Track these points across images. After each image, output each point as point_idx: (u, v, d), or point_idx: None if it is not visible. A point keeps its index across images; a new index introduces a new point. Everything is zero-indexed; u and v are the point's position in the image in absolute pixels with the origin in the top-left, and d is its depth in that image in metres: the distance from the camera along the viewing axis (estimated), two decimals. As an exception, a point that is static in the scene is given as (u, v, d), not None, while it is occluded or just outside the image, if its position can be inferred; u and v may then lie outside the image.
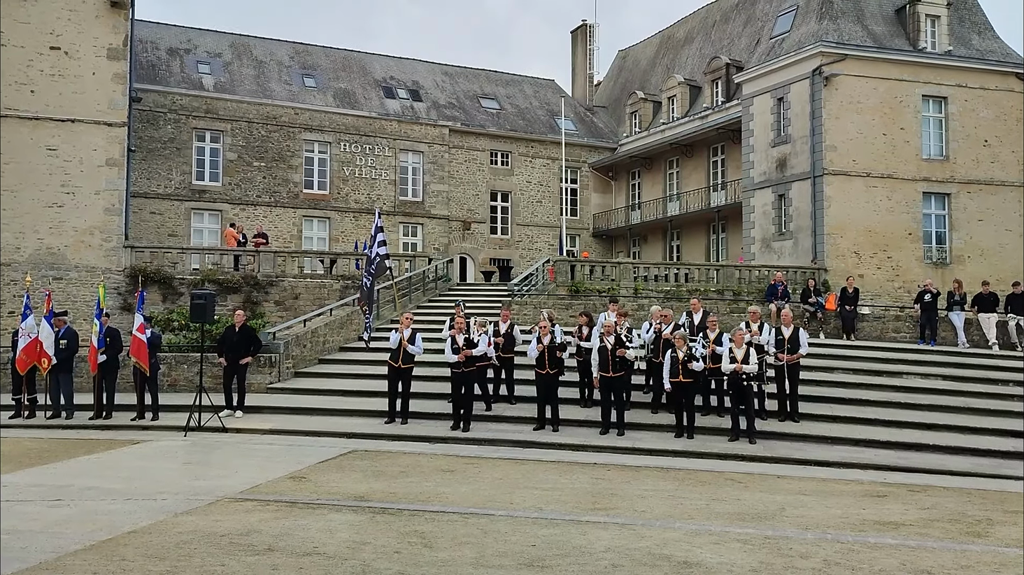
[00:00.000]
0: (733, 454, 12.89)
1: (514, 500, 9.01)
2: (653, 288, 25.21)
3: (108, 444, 12.86)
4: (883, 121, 28.37)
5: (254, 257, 24.62)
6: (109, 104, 23.07)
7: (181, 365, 18.21)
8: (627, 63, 47.63)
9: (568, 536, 7.32)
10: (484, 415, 15.25)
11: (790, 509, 8.90)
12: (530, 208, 40.43)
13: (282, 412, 15.99)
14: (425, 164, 37.90)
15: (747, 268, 27.32)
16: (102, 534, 7.05)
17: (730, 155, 34.66)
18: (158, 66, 34.91)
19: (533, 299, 23.46)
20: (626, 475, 10.97)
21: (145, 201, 32.19)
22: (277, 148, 35.03)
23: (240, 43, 38.47)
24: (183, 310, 20.94)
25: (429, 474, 10.61)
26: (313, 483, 9.81)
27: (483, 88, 42.93)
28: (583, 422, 14.81)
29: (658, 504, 8.99)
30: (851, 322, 22.29)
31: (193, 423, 14.19)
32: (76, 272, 22.58)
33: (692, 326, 15.66)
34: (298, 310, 23.29)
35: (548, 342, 14.30)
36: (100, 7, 23.02)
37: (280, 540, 6.94)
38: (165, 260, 23.83)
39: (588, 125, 43.57)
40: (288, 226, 34.84)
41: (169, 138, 33.25)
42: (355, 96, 38.06)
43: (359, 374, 18.14)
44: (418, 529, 7.47)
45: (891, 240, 28.25)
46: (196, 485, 9.60)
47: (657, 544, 7.10)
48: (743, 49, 36.49)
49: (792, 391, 15.08)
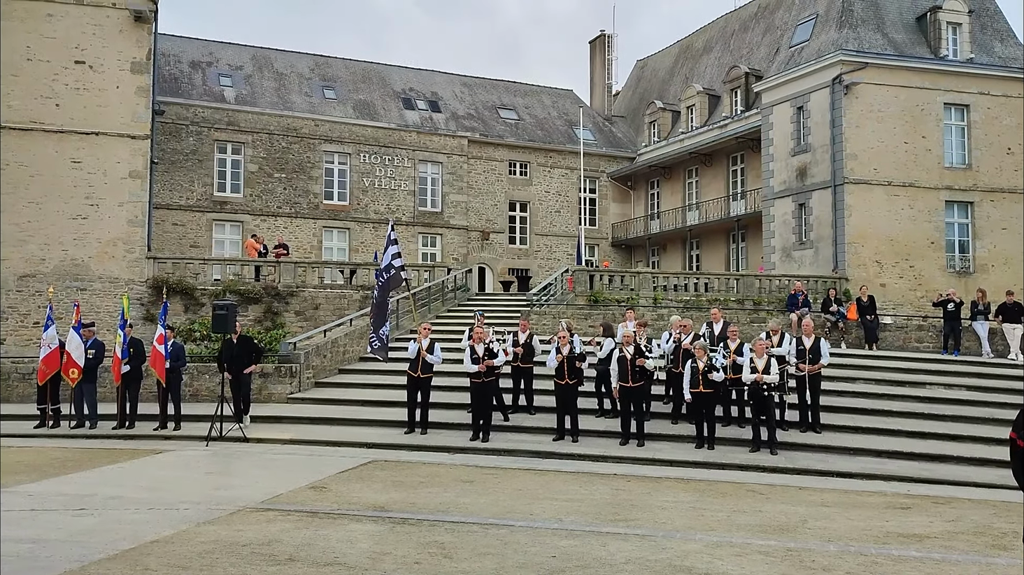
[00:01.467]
0: (754, 465, 12.80)
1: (534, 511, 9.00)
2: (672, 298, 25.15)
3: (131, 454, 12.97)
4: (905, 129, 28.19)
5: (275, 268, 24.79)
6: (132, 117, 23.35)
7: (203, 375, 18.34)
8: (645, 73, 47.64)
9: (588, 547, 7.30)
10: (503, 425, 15.24)
11: (812, 521, 8.82)
12: (548, 218, 40.46)
13: (302, 422, 16.06)
14: (444, 175, 38.05)
15: (767, 277, 27.18)
16: (126, 543, 7.11)
17: (750, 164, 34.55)
18: (180, 79, 35.31)
19: (552, 309, 23.45)
20: (646, 486, 10.92)
21: (167, 212, 32.51)
22: (297, 159, 35.30)
23: (261, 56, 38.85)
24: (205, 321, 21.12)
25: (449, 484, 10.61)
26: (334, 493, 9.84)
27: (501, 99, 43.08)
28: (602, 433, 14.76)
29: (678, 515, 8.94)
30: (873, 332, 22.11)
31: (214, 433, 14.27)
32: (100, 283, 22.82)
33: (712, 336, 15.59)
34: (318, 320, 23.41)
35: (567, 352, 14.27)
36: (124, 22, 23.34)
37: (301, 550, 6.97)
38: (187, 271, 24.03)
39: (606, 135, 43.58)
40: (308, 237, 35.06)
41: (191, 150, 33.59)
42: (374, 107, 38.30)
43: (379, 384, 18.20)
44: (438, 539, 7.48)
45: (913, 249, 28.02)
46: (218, 495, 9.66)
47: (678, 556, 7.06)
48: (762, 58, 36.41)
49: (814, 401, 14.96)
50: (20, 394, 18.22)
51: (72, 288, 22.25)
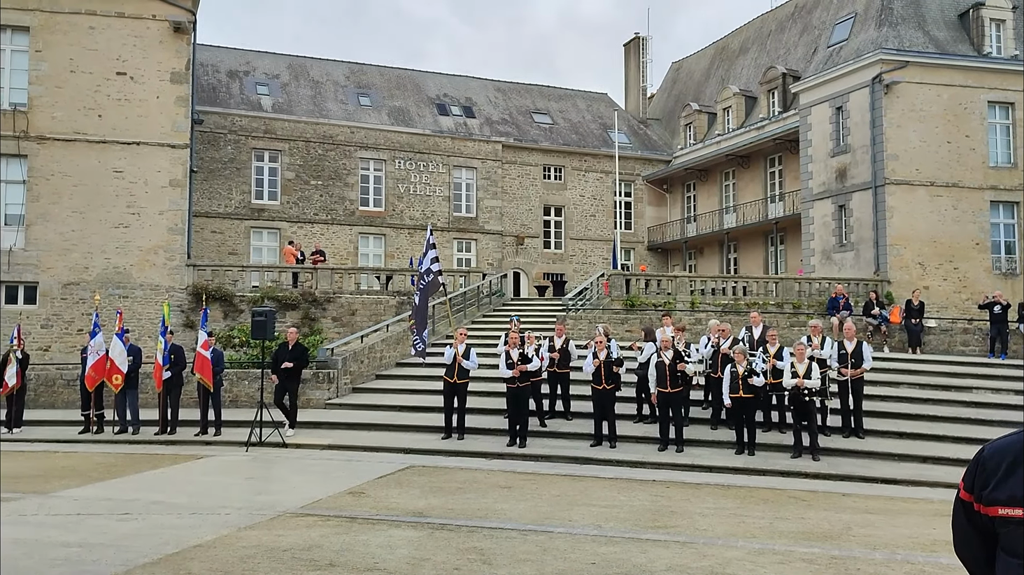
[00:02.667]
0: (796, 471, 12.61)
1: (572, 517, 8.94)
2: (710, 302, 24.91)
3: (173, 459, 13.13)
4: (947, 129, 27.66)
5: (312, 274, 25.00)
6: (172, 126, 23.72)
7: (242, 381, 18.54)
8: (680, 75, 47.35)
9: (628, 554, 7.22)
10: (540, 431, 15.19)
11: (856, 528, 8.65)
12: (583, 222, 40.34)
13: (340, 427, 16.16)
14: (479, 180, 38.12)
15: (807, 280, 26.81)
16: (169, 548, 7.18)
17: (788, 166, 34.15)
18: (218, 88, 35.82)
19: (588, 314, 23.35)
20: (686, 492, 10.80)
21: (206, 220, 32.96)
22: (333, 166, 35.60)
23: (297, 64, 39.27)
24: (244, 327, 21.34)
25: (487, 490, 10.59)
26: (372, 499, 9.86)
27: (536, 103, 43.07)
28: (641, 438, 14.65)
29: (719, 522, 8.82)
30: (917, 335, 21.70)
31: (254, 438, 14.41)
32: (141, 290, 23.19)
33: (752, 340, 15.41)
34: (355, 326, 23.56)
35: (604, 357, 14.19)
36: (164, 33, 23.73)
37: (341, 555, 6.98)
38: (226, 278, 24.32)
39: (642, 138, 43.37)
40: (344, 243, 35.33)
41: (229, 158, 34.03)
42: (409, 114, 38.51)
43: (415, 389, 18.26)
44: (477, 546, 7.45)
45: (957, 251, 27.46)
46: (258, 500, 9.73)
47: (719, 563, 6.95)
48: (799, 58, 35.99)
49: (856, 407, 14.71)
50: (65, 400, 18.57)
51: (114, 295, 22.64)
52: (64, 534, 7.70)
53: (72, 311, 22.72)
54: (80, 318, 22.29)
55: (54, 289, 22.72)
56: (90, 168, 23.10)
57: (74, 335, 22.35)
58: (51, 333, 22.57)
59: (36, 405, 18.03)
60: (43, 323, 22.57)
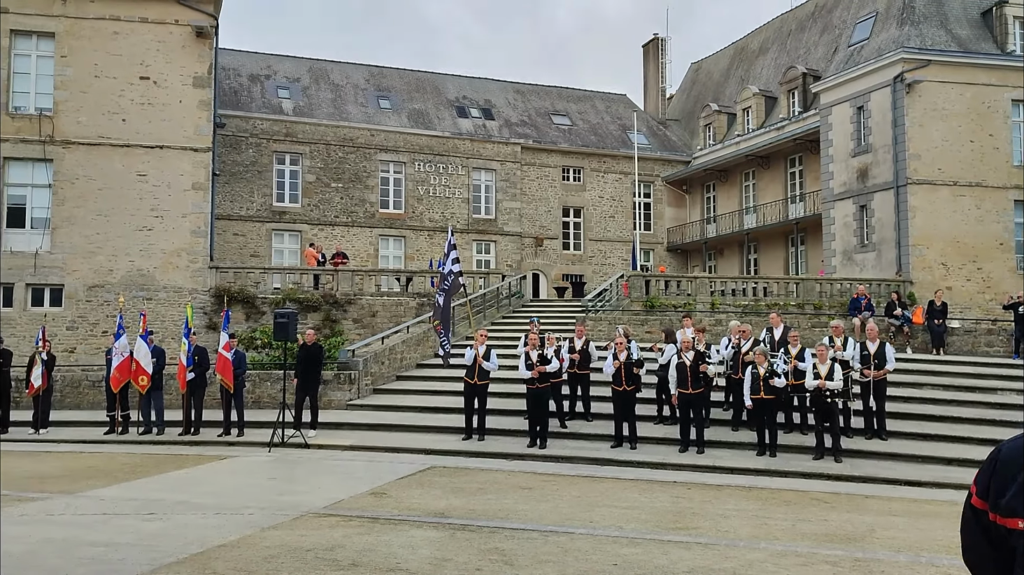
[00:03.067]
0: (818, 473, 12.55)
1: (594, 518, 8.95)
2: (731, 303, 24.80)
3: (196, 459, 13.26)
4: (970, 128, 27.40)
5: (333, 276, 25.14)
6: (195, 130, 23.95)
7: (264, 382, 18.68)
8: (700, 75, 47.19)
9: (650, 556, 7.22)
10: (561, 432, 15.20)
11: (880, 530, 8.60)
12: (603, 223, 40.29)
13: (361, 428, 16.24)
14: (498, 182, 38.17)
15: (828, 281, 26.64)
16: (194, 547, 7.26)
17: (808, 166, 33.95)
18: (240, 92, 36.10)
19: (607, 315, 23.33)
20: (707, 494, 10.78)
21: (228, 223, 33.21)
22: (354, 169, 35.78)
23: (318, 67, 39.51)
24: (266, 328, 21.51)
25: (507, 491, 10.62)
26: (394, 499, 9.92)
27: (554, 105, 43.08)
28: (661, 440, 14.62)
29: (742, 524, 8.80)
30: (940, 336, 21.51)
31: (277, 439, 14.52)
32: (164, 293, 23.42)
33: (773, 342, 15.34)
34: (375, 327, 23.67)
35: (624, 358, 14.18)
36: (186, 37, 23.97)
37: (364, 555, 7.03)
38: (248, 280, 24.51)
39: (661, 139, 43.26)
40: (365, 245, 35.48)
41: (251, 161, 34.28)
42: (429, 116, 38.63)
43: (436, 390, 18.32)
44: (499, 546, 7.48)
45: (981, 251, 27.18)
46: (281, 500, 9.81)
47: (742, 565, 6.94)
48: (820, 58, 35.78)
49: (879, 408, 14.60)
50: (90, 401, 18.79)
51: (138, 298, 22.88)
52: (91, 533, 7.81)
53: (97, 313, 22.98)
54: (105, 320, 22.55)
55: (79, 291, 23.00)
56: (114, 172, 23.36)
57: (99, 337, 22.61)
58: (76, 335, 22.85)
59: (62, 406, 18.27)
60: (68, 325, 22.85)
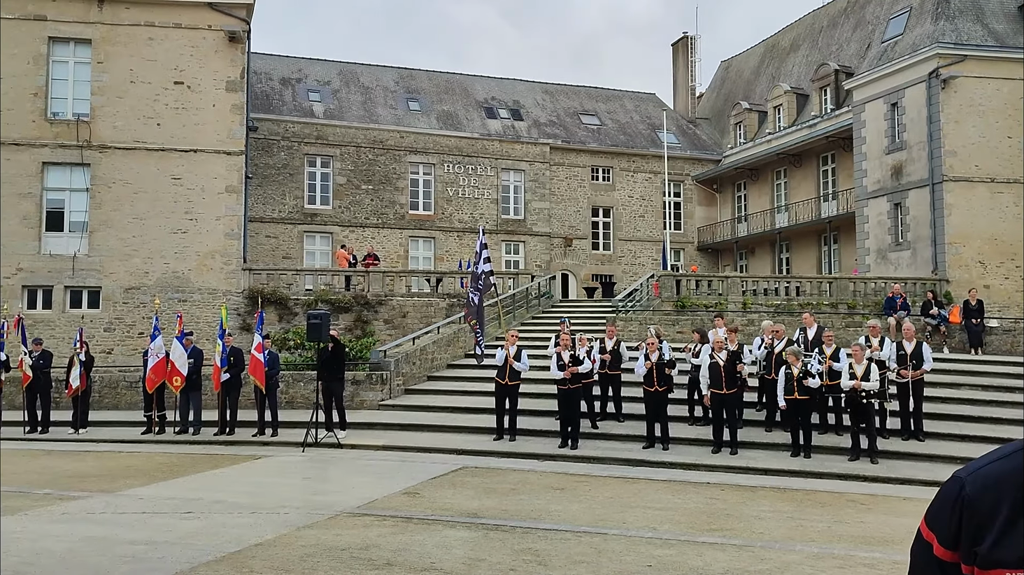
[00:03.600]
0: (854, 474, 12.40)
1: (627, 519, 8.92)
2: (763, 302, 24.60)
3: (232, 459, 13.41)
4: (1008, 123, 26.92)
5: (364, 277, 25.30)
6: (228, 134, 24.23)
7: (298, 383, 18.84)
8: (730, 74, 46.85)
9: (684, 557, 7.19)
10: (592, 433, 15.17)
11: (919, 533, 8.47)
12: (632, 223, 40.14)
13: (393, 428, 16.33)
14: (527, 182, 38.18)
15: (862, 280, 26.32)
16: (231, 546, 7.35)
17: (841, 164, 33.57)
18: (272, 96, 36.46)
19: (638, 315, 23.25)
20: (741, 495, 10.70)
21: (261, 225, 33.56)
22: (384, 171, 35.99)
23: (348, 70, 39.79)
24: (299, 330, 21.70)
25: (539, 491, 10.62)
26: (427, 499, 9.96)
27: (583, 105, 43.00)
28: (694, 440, 14.54)
29: (777, 526, 8.73)
30: (978, 336, 21.17)
31: (310, 439, 14.64)
32: (199, 294, 23.72)
33: (806, 342, 15.19)
34: (406, 328, 23.79)
35: (656, 359, 14.11)
36: (219, 42, 24.26)
37: (398, 555, 7.07)
38: (280, 282, 24.75)
39: (691, 138, 43.01)
40: (395, 246, 35.67)
41: (282, 164, 34.62)
42: (458, 118, 38.74)
43: (467, 391, 18.36)
44: (532, 547, 7.48)
45: (1020, 249, 26.69)
46: (316, 500, 9.90)
47: (778, 567, 6.89)
48: (852, 54, 35.36)
49: (916, 409, 14.40)
50: (128, 401, 19.07)
51: (173, 299, 23.19)
52: (131, 532, 7.93)
53: (133, 314, 23.33)
54: (141, 321, 22.88)
55: (116, 293, 23.36)
56: (150, 175, 23.71)
57: (135, 338, 22.95)
58: (113, 336, 23.22)
59: (100, 406, 18.56)
60: (106, 326, 23.22)
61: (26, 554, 6.99)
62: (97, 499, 9.69)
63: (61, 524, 8.24)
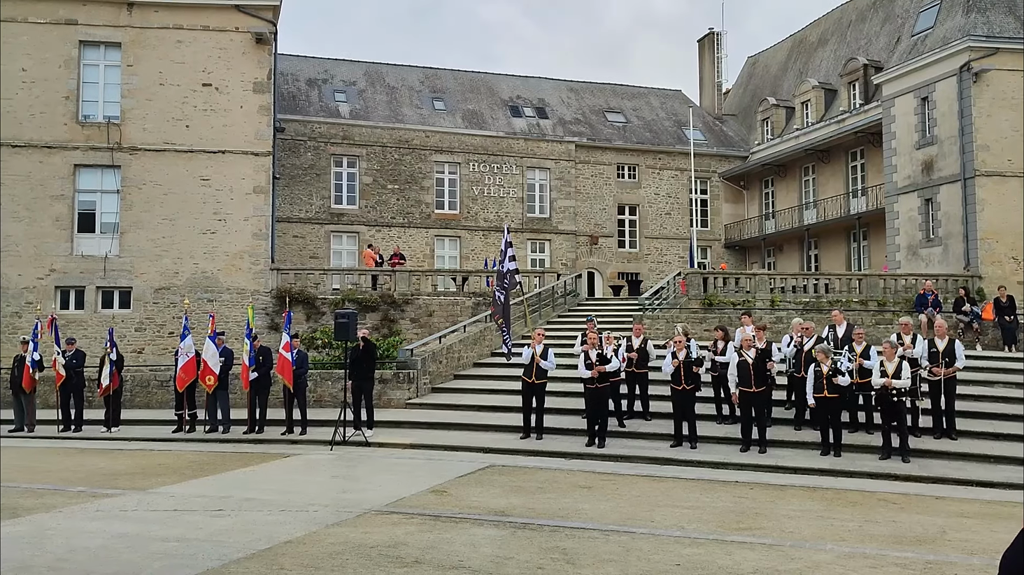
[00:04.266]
0: (885, 473, 12.25)
1: (655, 518, 8.88)
2: (791, 300, 24.38)
3: (261, 457, 13.53)
4: (1041, 117, 26.46)
5: (390, 276, 25.42)
6: (256, 135, 24.45)
7: (325, 381, 18.97)
8: (756, 69, 46.49)
9: (713, 556, 7.14)
10: (619, 431, 15.12)
11: (952, 532, 8.36)
12: (658, 220, 39.96)
13: (421, 427, 16.39)
14: (552, 180, 38.15)
15: (892, 277, 25.99)
16: (261, 543, 7.41)
17: (870, 159, 33.18)
18: (298, 96, 36.73)
19: (665, 313, 23.13)
20: (770, 494, 10.61)
21: (288, 225, 33.83)
22: (409, 171, 36.12)
23: (373, 71, 39.98)
24: (326, 329, 21.85)
25: (567, 490, 10.60)
26: (454, 497, 9.98)
27: (609, 102, 42.87)
28: (722, 439, 14.44)
29: (806, 525, 8.65)
30: (1012, 333, 20.81)
31: (338, 437, 14.73)
32: (228, 294, 23.96)
33: (836, 339, 15.02)
34: (432, 327, 23.87)
35: (683, 357, 14.04)
36: (246, 44, 24.48)
37: (426, 553, 7.10)
38: (308, 281, 24.93)
39: (717, 134, 42.73)
40: (421, 246, 35.80)
41: (309, 164, 34.86)
42: (483, 117, 38.79)
43: (494, 389, 18.38)
44: (560, 545, 7.47)
45: (1054, 244, 26.23)
46: (344, 498, 9.96)
47: (808, 566, 6.82)
48: (881, 49, 34.94)
49: (949, 407, 14.19)
50: (158, 400, 19.31)
51: (203, 299, 23.45)
52: (163, 529, 8.02)
53: (164, 314, 23.62)
54: (171, 321, 23.16)
55: (146, 294, 23.66)
56: (179, 177, 23.98)
57: (165, 338, 23.23)
58: (144, 336, 23.51)
59: (131, 405, 18.81)
60: (137, 326, 23.53)
61: (61, 551, 7.10)
62: (130, 497, 9.82)
63: (95, 521, 8.36)
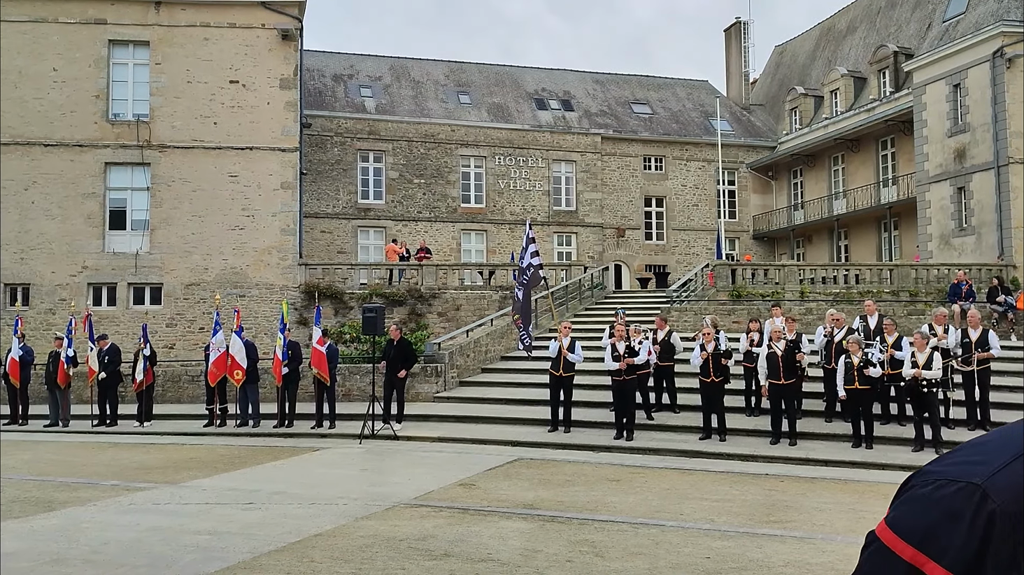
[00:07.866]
0: (918, 465, 12.00)
1: (684, 511, 8.84)
2: (820, 291, 24.12)
3: (291, 451, 13.64)
4: (1078, 102, 25.93)
5: (417, 271, 25.48)
6: (282, 131, 24.61)
7: (354, 376, 19.08)
8: (784, 58, 45.97)
9: (744, 549, 7.09)
10: (647, 424, 15.06)
11: (988, 526, 8.23)
12: (686, 212, 39.68)
13: (449, 420, 16.43)
14: (578, 173, 38.01)
15: (924, 267, 25.63)
16: (291, 536, 7.48)
17: (900, 148, 32.70)
18: (324, 92, 36.89)
19: (693, 305, 22.99)
20: (801, 487, 10.52)
21: (315, 221, 34.01)
22: (435, 165, 36.16)
23: (399, 65, 40.04)
24: (354, 323, 21.96)
25: (595, 483, 10.58)
26: (483, 490, 10.00)
27: (634, 94, 42.60)
28: (751, 431, 14.33)
29: (838, 518, 8.56)
30: (1047, 323, 20.46)
31: (367, 431, 14.81)
32: (257, 290, 24.16)
33: (868, 330, 14.84)
34: (459, 321, 23.90)
35: (712, 349, 13.94)
36: (272, 41, 24.62)
37: (455, 546, 7.12)
38: (336, 276, 25.07)
39: (745, 125, 42.33)
40: (447, 240, 35.85)
41: (336, 160, 35.01)
42: (508, 110, 38.72)
43: (521, 383, 18.38)
44: (588, 538, 7.46)
45: (1091, 232, 25.72)
46: (373, 491, 10.01)
47: (840, 559, 6.75)
48: (912, 35, 34.39)
49: (983, 398, 13.96)
50: (190, 395, 19.53)
51: (232, 295, 23.66)
52: (195, 522, 8.12)
53: (194, 310, 23.87)
54: (202, 317, 23.40)
55: (177, 290, 23.92)
56: (207, 174, 24.20)
57: (196, 333, 23.49)
58: (175, 331, 23.79)
59: (163, 400, 19.04)
60: (168, 322, 23.80)
61: (95, 543, 7.21)
62: (162, 490, 9.94)
63: (128, 514, 8.48)
